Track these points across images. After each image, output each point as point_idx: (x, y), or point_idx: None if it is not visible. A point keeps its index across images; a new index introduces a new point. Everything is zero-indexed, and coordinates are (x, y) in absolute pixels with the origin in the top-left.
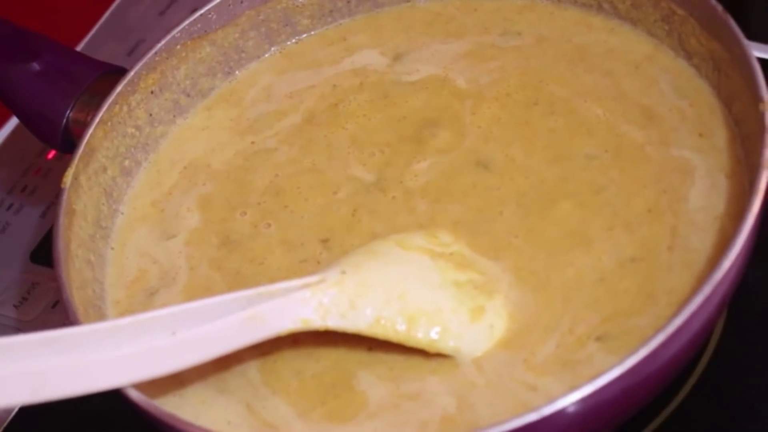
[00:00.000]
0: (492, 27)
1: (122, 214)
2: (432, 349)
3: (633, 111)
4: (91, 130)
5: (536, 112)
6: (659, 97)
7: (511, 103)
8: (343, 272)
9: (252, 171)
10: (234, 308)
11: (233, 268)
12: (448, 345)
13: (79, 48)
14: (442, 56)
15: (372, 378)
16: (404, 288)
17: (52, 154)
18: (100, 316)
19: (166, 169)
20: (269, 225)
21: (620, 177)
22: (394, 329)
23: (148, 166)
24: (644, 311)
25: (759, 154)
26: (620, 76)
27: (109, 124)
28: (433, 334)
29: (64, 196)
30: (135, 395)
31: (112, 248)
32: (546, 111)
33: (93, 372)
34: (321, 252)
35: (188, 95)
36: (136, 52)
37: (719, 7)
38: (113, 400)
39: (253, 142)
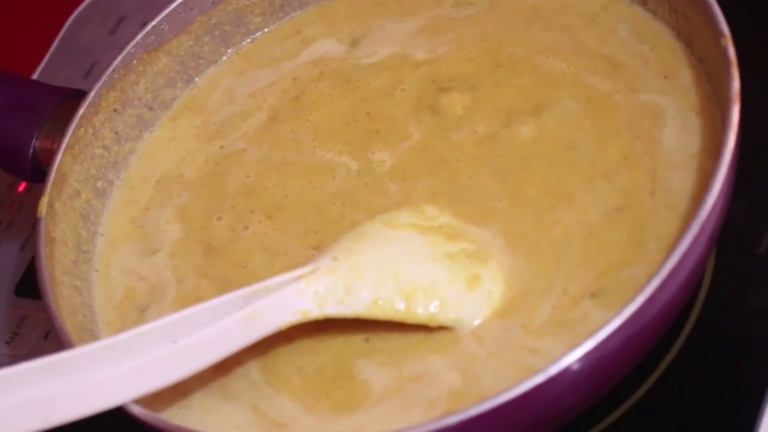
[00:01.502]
0: (444, 0)
1: (102, 235)
2: (433, 323)
3: (596, 62)
4: (59, 157)
5: (501, 74)
6: (620, 45)
7: (473, 68)
8: (335, 258)
9: (224, 175)
10: (231, 309)
11: (220, 274)
12: (448, 317)
13: (34, 77)
14: (398, 35)
15: (373, 366)
16: (397, 266)
17: (22, 186)
18: (95, 340)
19: (139, 185)
20: (246, 227)
21: (592, 128)
22: (393, 308)
23: (120, 185)
24: (635, 261)
25: (727, 88)
26: (578, 30)
27: (77, 147)
28: (433, 308)
29: (42, 226)
30: (139, 411)
31: (97, 271)
32: (510, 71)
33: (101, 390)
34: (301, 245)
35: (151, 108)
36: (92, 73)
37: None
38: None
39: (221, 146)
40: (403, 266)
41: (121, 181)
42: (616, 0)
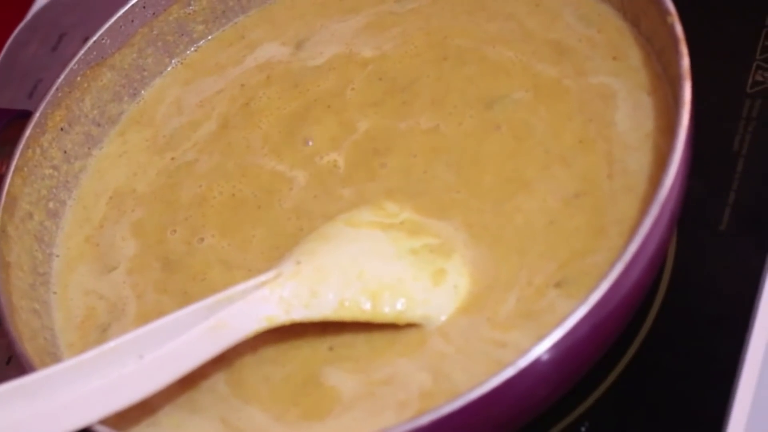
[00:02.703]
0: None
1: (57, 256)
2: (401, 321)
3: (543, 48)
4: (9, 180)
5: (447, 66)
6: (566, 30)
7: (420, 62)
8: (298, 262)
9: (177, 187)
10: (196, 320)
11: (179, 288)
12: (416, 313)
13: None
14: (342, 34)
15: (340, 373)
16: (361, 266)
17: None
18: (58, 363)
19: (92, 203)
20: (202, 240)
21: (544, 114)
22: (360, 309)
23: (73, 204)
24: (597, 247)
25: (677, 66)
26: (523, 17)
27: (26, 169)
28: (400, 306)
29: None
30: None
31: (55, 293)
32: (457, 63)
33: (69, 411)
34: (252, 254)
35: (99, 125)
36: (36, 92)
37: None
38: None
39: (173, 158)
40: (368, 265)
41: (73, 200)
42: None
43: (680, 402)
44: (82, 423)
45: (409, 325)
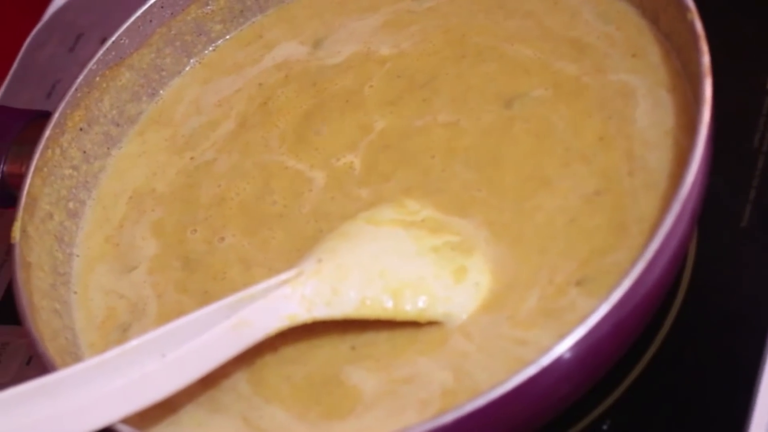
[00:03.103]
0: None
1: (78, 256)
2: (423, 319)
3: (562, 46)
4: (29, 180)
5: (466, 63)
6: (585, 28)
7: (439, 60)
8: (320, 260)
9: (197, 187)
10: (218, 319)
11: (199, 288)
12: (437, 311)
13: None
14: (360, 33)
15: (361, 372)
16: (383, 264)
17: None
18: (78, 362)
19: (111, 203)
20: (222, 239)
21: (564, 112)
22: (382, 307)
23: (93, 204)
24: (618, 245)
25: (697, 63)
26: (542, 15)
27: (45, 170)
28: (421, 303)
29: (17, 251)
30: (128, 431)
31: (75, 292)
32: (476, 60)
33: (91, 411)
34: (272, 254)
35: (118, 125)
36: (54, 93)
37: None
38: None
39: (192, 158)
40: (389, 263)
41: (92, 200)
42: None
43: (702, 400)
44: (104, 422)
45: (430, 324)
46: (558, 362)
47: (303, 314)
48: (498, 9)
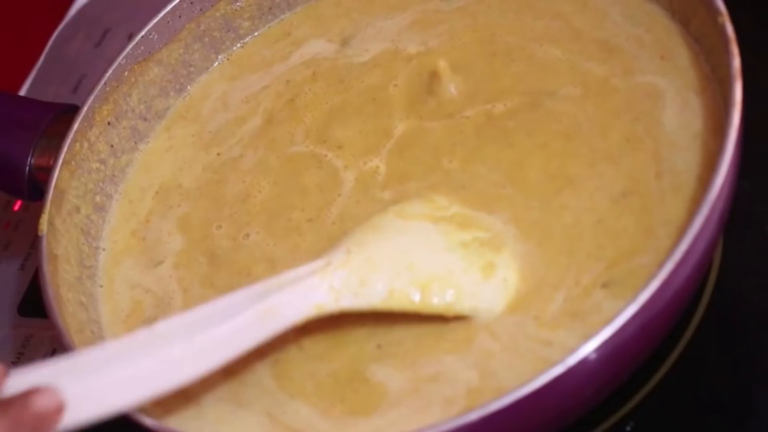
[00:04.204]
0: None
1: (104, 250)
2: (450, 313)
3: (591, 47)
4: (56, 173)
5: (496, 63)
6: (614, 29)
7: (468, 57)
8: (349, 251)
9: (222, 183)
10: (246, 305)
11: (225, 284)
12: (464, 306)
13: (22, 94)
14: (388, 31)
15: (387, 369)
16: (412, 257)
17: (18, 205)
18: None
19: (138, 197)
20: (247, 236)
21: (592, 112)
22: (409, 299)
23: (119, 198)
24: (645, 248)
25: (727, 66)
26: (570, 16)
27: (73, 163)
28: (449, 297)
29: (44, 243)
30: (152, 423)
31: (101, 286)
32: (505, 60)
33: (117, 390)
34: (296, 252)
35: (145, 119)
36: (80, 87)
37: None
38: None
39: (219, 154)
40: (418, 257)
41: (119, 194)
42: None
43: (726, 403)
44: (128, 403)
45: (456, 323)
46: (584, 362)
47: (330, 304)
48: (527, 9)
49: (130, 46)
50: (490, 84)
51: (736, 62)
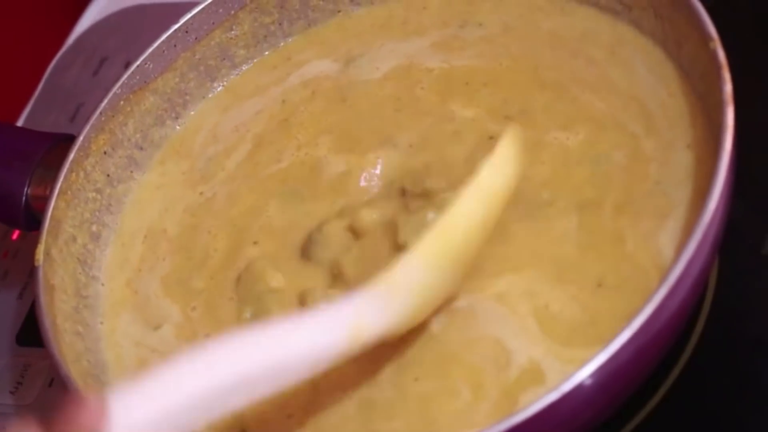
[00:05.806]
0: (450, 20)
1: (103, 285)
2: None
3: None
4: (53, 203)
5: (547, 96)
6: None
7: (510, 84)
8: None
9: (198, 229)
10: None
11: None
12: None
13: (19, 124)
14: (404, 50)
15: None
16: None
17: (16, 234)
18: (100, 385)
19: (129, 241)
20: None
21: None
22: None
23: (114, 239)
24: None
25: (719, 91)
26: (603, 64)
27: (69, 193)
28: None
29: (40, 273)
30: None
31: (101, 323)
32: (553, 98)
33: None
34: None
35: (141, 148)
36: (78, 116)
37: None
38: None
39: (201, 193)
40: None
41: (114, 233)
42: (626, 31)
43: (723, 425)
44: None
45: None
46: (580, 388)
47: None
48: (561, 47)
49: (125, 76)
50: (525, 106)
51: (728, 87)
